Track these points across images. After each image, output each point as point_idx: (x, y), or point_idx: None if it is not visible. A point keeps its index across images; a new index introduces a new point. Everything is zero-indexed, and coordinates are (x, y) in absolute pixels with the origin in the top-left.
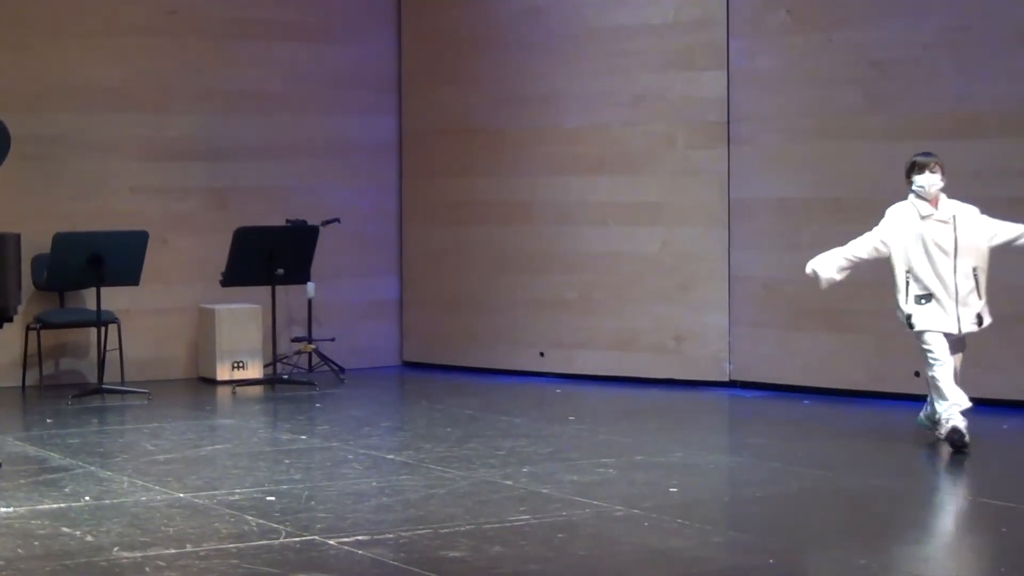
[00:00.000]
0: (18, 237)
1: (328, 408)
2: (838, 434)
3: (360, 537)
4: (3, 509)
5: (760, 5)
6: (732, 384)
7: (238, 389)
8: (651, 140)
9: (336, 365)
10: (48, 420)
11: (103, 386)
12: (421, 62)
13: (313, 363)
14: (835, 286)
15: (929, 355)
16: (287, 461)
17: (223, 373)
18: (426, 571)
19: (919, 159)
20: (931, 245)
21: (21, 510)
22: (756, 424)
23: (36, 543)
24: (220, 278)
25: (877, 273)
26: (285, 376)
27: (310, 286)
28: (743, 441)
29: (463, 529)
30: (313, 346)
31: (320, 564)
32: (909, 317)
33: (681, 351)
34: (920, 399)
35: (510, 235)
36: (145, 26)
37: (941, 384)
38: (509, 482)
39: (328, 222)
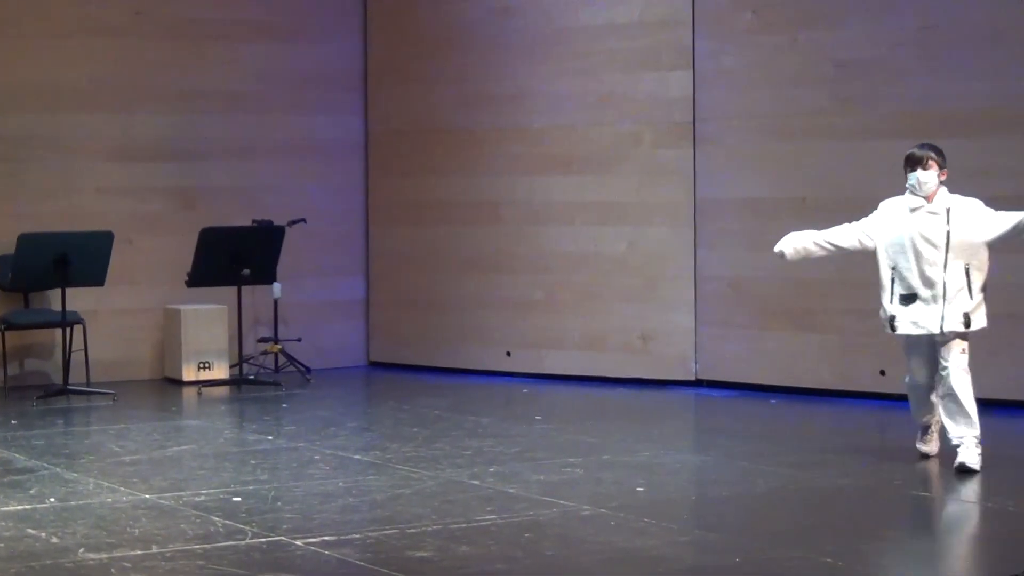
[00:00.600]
0: None
1: (294, 408)
2: (805, 433)
3: (327, 537)
4: None
5: (726, 5)
6: (699, 383)
7: (204, 390)
8: (618, 140)
9: (302, 365)
10: (13, 421)
11: (68, 387)
12: (388, 61)
13: (279, 363)
14: (800, 285)
15: (908, 375)
16: (253, 462)
17: (189, 374)
18: (393, 571)
19: (913, 152)
20: (919, 239)
21: None
22: (723, 423)
23: (1, 545)
24: (186, 278)
25: (844, 273)
26: (251, 377)
27: (276, 286)
28: (710, 440)
29: (430, 529)
30: (279, 346)
31: (287, 564)
32: (892, 319)
33: (648, 350)
34: (886, 397)
35: (477, 235)
36: (111, 26)
37: (910, 401)
38: (476, 482)
39: (294, 222)
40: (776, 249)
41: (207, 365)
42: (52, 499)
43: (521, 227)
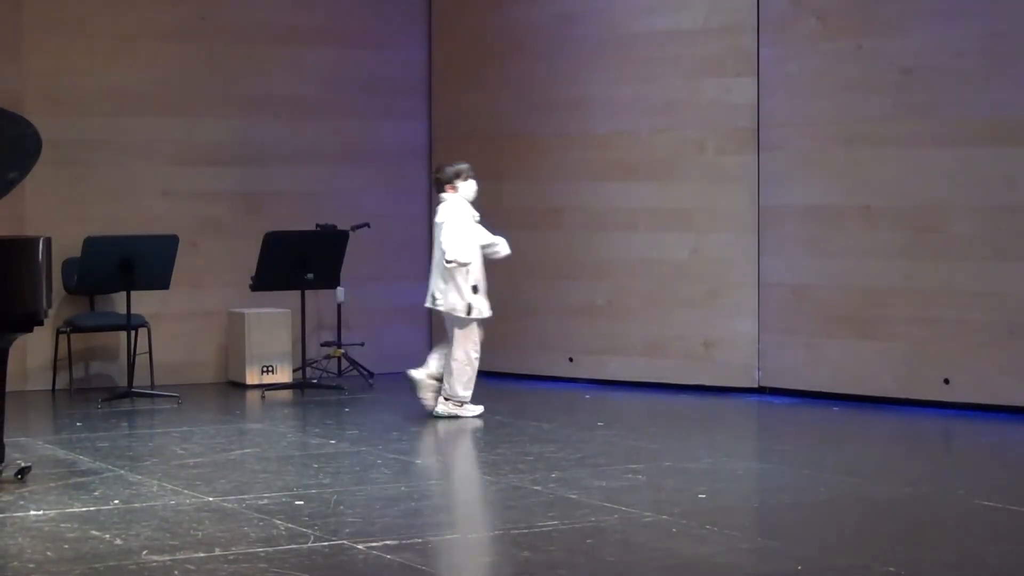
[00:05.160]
0: (49, 240)
1: (357, 413)
2: (867, 441)
3: (389, 541)
4: (33, 512)
5: (790, 12)
6: (761, 391)
7: (267, 393)
8: (681, 146)
9: (365, 370)
10: (78, 423)
11: (133, 390)
12: (452, 67)
13: (342, 367)
14: (864, 292)
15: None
16: (316, 465)
17: (252, 377)
18: None
19: (466, 167)
20: (475, 244)
21: (51, 513)
22: (785, 431)
23: (66, 546)
24: (250, 282)
25: (909, 280)
26: (314, 380)
27: (340, 291)
28: (772, 448)
29: (492, 534)
30: (342, 351)
31: (348, 568)
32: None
33: (710, 357)
34: (949, 406)
35: (540, 241)
36: (177, 31)
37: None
38: (538, 487)
39: (358, 227)
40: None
41: (270, 369)
42: (116, 501)
43: (584, 233)
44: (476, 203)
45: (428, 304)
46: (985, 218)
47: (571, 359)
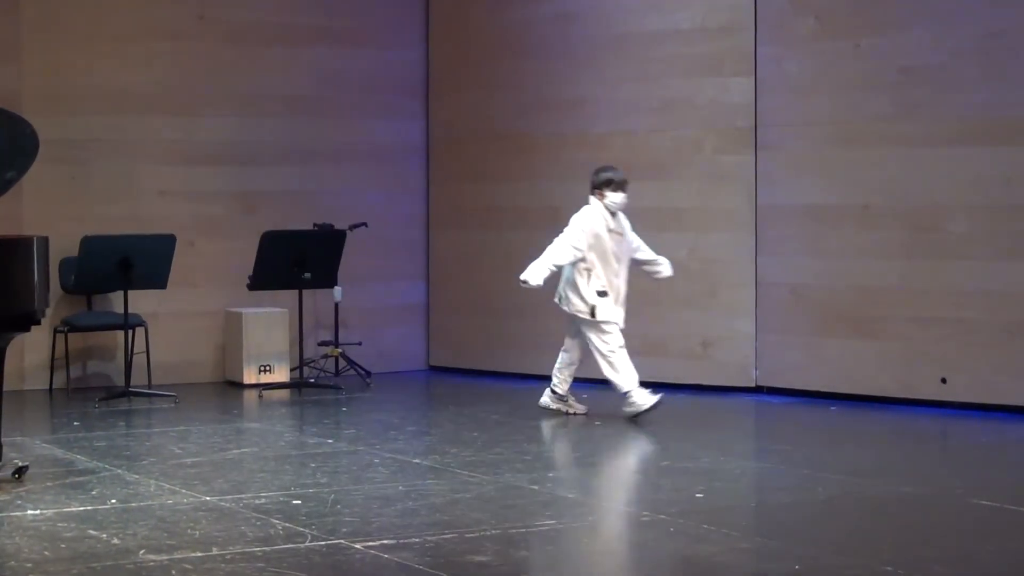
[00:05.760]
0: (46, 240)
1: (354, 412)
2: (864, 441)
3: (386, 541)
4: (30, 511)
5: (788, 11)
6: (759, 390)
7: (265, 393)
8: (679, 146)
9: (362, 369)
10: (75, 423)
11: (130, 389)
12: (449, 67)
13: (340, 367)
14: (862, 292)
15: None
16: (313, 465)
17: (250, 377)
18: (451, 575)
19: (617, 176)
20: (610, 254)
21: (48, 512)
22: (783, 430)
23: (63, 545)
24: (247, 282)
25: (906, 280)
26: (311, 380)
27: (337, 290)
28: (770, 447)
29: (489, 533)
30: (340, 350)
31: (346, 568)
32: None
33: (708, 357)
34: (947, 405)
35: (538, 240)
36: (175, 30)
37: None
38: (535, 487)
39: (355, 226)
40: (532, 283)
41: (268, 368)
42: (113, 500)
43: None
44: (473, 203)
45: (555, 300)
46: (983, 218)
47: None
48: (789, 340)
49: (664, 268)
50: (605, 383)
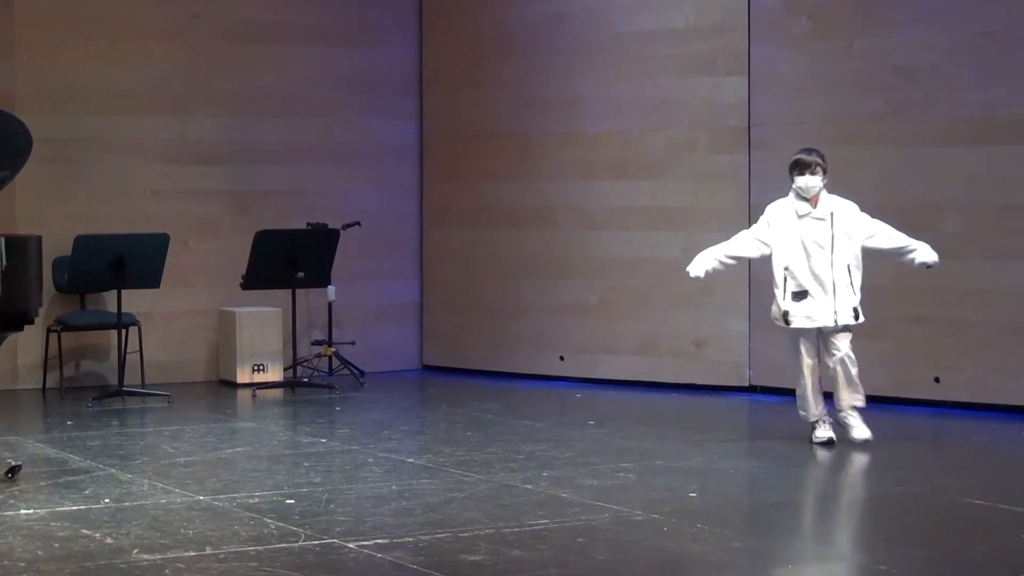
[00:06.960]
0: (39, 239)
1: (348, 411)
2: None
3: (379, 540)
4: (24, 511)
5: (782, 11)
6: (752, 389)
7: (258, 392)
8: (673, 145)
9: (356, 368)
10: (68, 422)
11: (123, 388)
12: (443, 66)
13: (333, 366)
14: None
15: (800, 360)
16: (307, 464)
17: (243, 376)
18: (445, 574)
19: (802, 157)
20: (809, 242)
21: (41, 512)
22: (776, 429)
23: (56, 545)
24: (241, 281)
25: (899, 280)
26: (305, 379)
27: (331, 289)
28: (763, 446)
29: (482, 533)
30: (333, 349)
31: (339, 567)
32: (786, 314)
33: (702, 356)
34: (940, 404)
35: (531, 239)
36: (168, 29)
37: (799, 396)
38: (529, 486)
39: (349, 225)
40: (691, 274)
41: (261, 367)
42: (107, 500)
43: (575, 232)
44: (467, 202)
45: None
46: (976, 217)
47: (562, 358)
48: (782, 339)
49: (920, 253)
50: (591, 382)
